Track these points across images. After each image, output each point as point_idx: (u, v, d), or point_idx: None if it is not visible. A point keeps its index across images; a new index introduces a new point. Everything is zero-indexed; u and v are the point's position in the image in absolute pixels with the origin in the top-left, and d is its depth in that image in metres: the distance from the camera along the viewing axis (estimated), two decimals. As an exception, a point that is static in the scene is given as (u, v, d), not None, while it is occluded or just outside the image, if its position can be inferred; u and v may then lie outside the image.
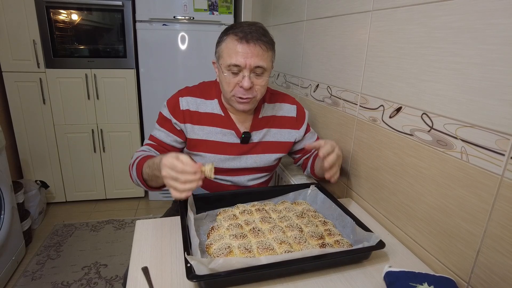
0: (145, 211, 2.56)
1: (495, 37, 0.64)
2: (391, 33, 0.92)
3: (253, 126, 1.13)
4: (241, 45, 0.95)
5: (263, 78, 1.00)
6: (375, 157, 1.02)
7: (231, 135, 1.10)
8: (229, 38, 0.98)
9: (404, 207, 0.91)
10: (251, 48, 0.95)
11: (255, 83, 0.99)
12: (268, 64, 1.01)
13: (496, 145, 0.65)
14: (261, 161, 1.14)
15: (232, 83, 0.99)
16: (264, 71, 1.00)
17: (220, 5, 2.35)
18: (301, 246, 0.80)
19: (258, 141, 1.14)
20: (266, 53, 0.99)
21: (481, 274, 0.69)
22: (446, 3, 0.74)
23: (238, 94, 1.00)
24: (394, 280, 0.71)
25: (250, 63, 0.96)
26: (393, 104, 0.93)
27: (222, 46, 1.00)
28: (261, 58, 0.97)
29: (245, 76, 0.97)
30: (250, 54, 0.95)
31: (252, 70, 0.97)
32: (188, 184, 0.77)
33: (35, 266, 1.88)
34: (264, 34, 0.99)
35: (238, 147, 1.11)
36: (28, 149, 2.37)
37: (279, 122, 1.17)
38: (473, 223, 0.70)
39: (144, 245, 0.85)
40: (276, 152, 1.16)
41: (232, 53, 0.96)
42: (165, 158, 0.79)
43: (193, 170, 0.76)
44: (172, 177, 0.77)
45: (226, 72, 0.99)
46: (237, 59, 0.95)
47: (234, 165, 1.12)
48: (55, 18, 2.19)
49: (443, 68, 0.76)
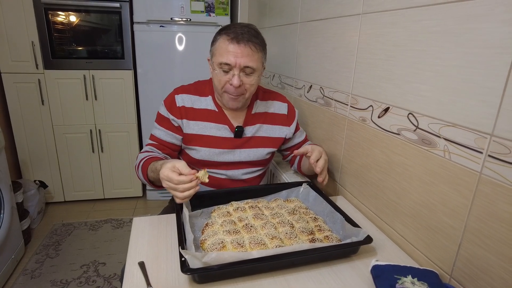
0: (143, 211, 2.59)
1: (473, 41, 0.67)
2: (379, 36, 0.96)
3: (246, 121, 1.18)
4: (232, 45, 1.01)
5: (252, 77, 1.06)
6: (365, 155, 1.06)
7: (225, 129, 1.15)
8: (222, 38, 1.04)
9: (392, 204, 0.94)
10: (242, 48, 1.00)
11: (244, 82, 1.05)
12: (258, 65, 1.05)
13: (475, 143, 0.68)
14: (254, 155, 1.19)
15: (222, 81, 1.05)
16: (254, 71, 1.05)
17: (217, 6, 2.38)
18: (292, 241, 0.83)
19: (251, 136, 1.19)
20: (256, 54, 1.03)
21: (462, 267, 0.73)
22: (426, 8, 0.78)
23: (228, 91, 1.06)
24: (380, 273, 0.74)
25: (240, 62, 1.01)
26: (381, 104, 0.96)
27: (216, 45, 1.06)
28: (251, 58, 1.02)
29: (234, 74, 1.02)
30: (240, 54, 1.00)
31: (242, 70, 1.03)
32: (187, 192, 0.86)
33: (34, 265, 1.90)
34: (256, 36, 1.04)
35: (231, 141, 1.16)
36: (27, 149, 2.39)
37: (271, 118, 1.22)
38: (455, 218, 0.74)
39: (140, 241, 0.88)
40: (267, 147, 1.21)
41: (224, 52, 1.02)
42: (162, 170, 0.87)
43: (188, 179, 0.85)
44: (171, 187, 0.86)
45: (217, 69, 1.05)
46: (227, 58, 1.01)
47: (228, 158, 1.17)
48: (54, 19, 2.22)
49: (426, 70, 0.79)
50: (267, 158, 1.24)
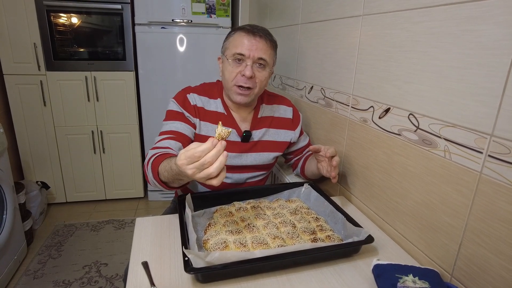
0: (144, 211, 2.59)
1: (471, 42, 0.68)
2: (379, 37, 0.97)
3: (252, 125, 1.18)
4: (248, 37, 1.05)
5: (264, 72, 1.08)
6: (366, 156, 1.07)
7: (233, 133, 1.15)
8: (238, 33, 1.08)
9: (393, 204, 0.95)
10: (257, 41, 1.04)
11: (256, 75, 1.06)
12: (270, 60, 1.09)
13: (475, 144, 0.69)
14: (260, 159, 1.19)
15: (234, 72, 1.06)
16: (266, 65, 1.07)
17: (218, 8, 2.39)
18: (294, 241, 0.84)
19: (258, 140, 1.19)
20: (269, 49, 1.08)
21: (463, 266, 0.73)
22: (427, 10, 0.79)
23: (239, 82, 1.05)
24: (381, 272, 0.75)
25: (254, 54, 1.04)
26: (382, 105, 0.97)
27: (230, 39, 1.09)
28: (265, 52, 1.05)
29: (247, 65, 1.04)
30: (255, 46, 1.04)
31: (255, 61, 1.05)
32: (217, 161, 0.67)
33: (37, 265, 1.91)
34: (270, 35, 1.10)
35: (239, 145, 1.16)
36: (29, 150, 2.40)
37: (277, 122, 1.23)
38: (455, 217, 0.74)
39: (144, 241, 0.89)
40: (274, 151, 1.22)
41: (239, 44, 1.05)
42: (178, 160, 0.70)
43: (210, 144, 0.68)
44: (198, 167, 0.67)
45: (230, 61, 1.06)
46: (242, 49, 1.04)
47: (235, 162, 1.16)
48: (56, 21, 2.23)
49: (425, 71, 0.80)
50: (272, 163, 1.24)
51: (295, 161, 1.32)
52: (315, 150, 1.06)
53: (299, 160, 1.30)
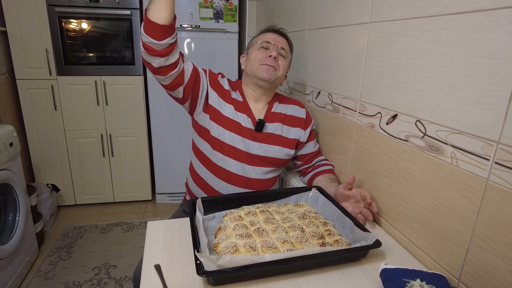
0: (152, 214, 2.63)
1: (481, 51, 0.69)
2: (387, 45, 0.98)
3: (266, 117, 1.25)
4: (273, 33, 1.28)
5: (285, 61, 1.25)
6: (373, 161, 1.08)
7: (247, 121, 1.22)
8: (263, 32, 1.30)
9: (400, 209, 0.96)
10: (280, 37, 1.28)
11: (279, 60, 1.23)
12: (288, 56, 1.28)
13: (481, 151, 0.70)
14: (272, 151, 1.23)
15: (260, 55, 1.22)
16: (286, 56, 1.26)
17: (225, 13, 2.42)
18: (303, 245, 0.85)
19: (271, 133, 1.24)
20: (288, 48, 1.28)
21: (470, 271, 0.74)
22: (437, 18, 0.80)
23: (265, 61, 1.20)
24: (389, 277, 0.76)
25: (278, 43, 1.24)
26: (389, 111, 0.98)
27: (256, 38, 1.30)
28: (285, 45, 1.27)
29: (273, 49, 1.22)
30: (279, 39, 1.26)
31: (278, 50, 1.23)
32: None
33: (48, 267, 1.95)
34: (289, 38, 1.32)
35: (252, 133, 1.22)
36: (40, 154, 2.45)
37: (290, 120, 1.29)
38: (463, 223, 0.75)
39: (155, 245, 0.91)
40: (286, 147, 1.26)
41: (265, 37, 1.26)
42: None
43: None
44: None
45: (257, 48, 1.24)
46: (269, 39, 1.25)
47: (248, 148, 1.22)
48: (66, 27, 2.28)
49: (433, 78, 0.81)
50: (283, 159, 1.27)
51: (303, 169, 1.35)
52: (364, 198, 1.00)
53: (307, 169, 1.33)
